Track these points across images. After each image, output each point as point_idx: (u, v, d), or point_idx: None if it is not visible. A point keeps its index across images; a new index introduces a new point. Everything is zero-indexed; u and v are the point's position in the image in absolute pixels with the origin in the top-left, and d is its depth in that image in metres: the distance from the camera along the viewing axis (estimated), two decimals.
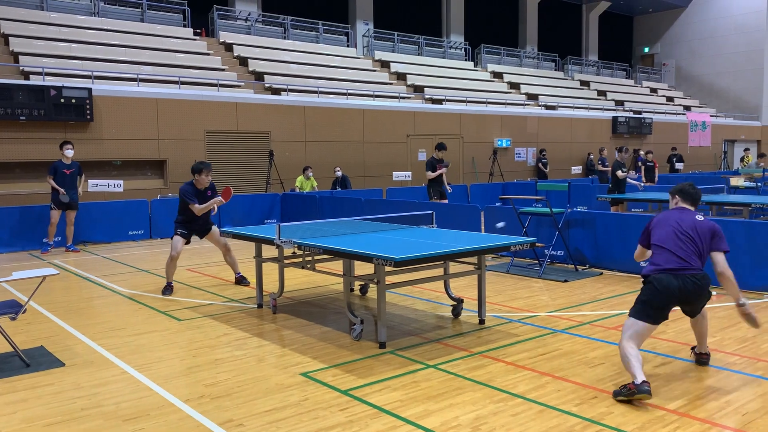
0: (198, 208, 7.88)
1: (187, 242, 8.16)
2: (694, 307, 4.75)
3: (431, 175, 12.85)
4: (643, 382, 4.24)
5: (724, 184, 14.30)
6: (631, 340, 4.50)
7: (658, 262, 4.67)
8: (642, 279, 4.75)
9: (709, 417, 4.06)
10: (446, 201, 12.85)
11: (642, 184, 13.89)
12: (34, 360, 5.36)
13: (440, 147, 13.00)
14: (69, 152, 11.56)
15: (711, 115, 32.07)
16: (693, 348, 5.19)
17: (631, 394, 4.26)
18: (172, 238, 8.09)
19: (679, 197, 4.97)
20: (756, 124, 33.60)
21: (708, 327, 4.99)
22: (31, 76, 14.38)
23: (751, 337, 5.78)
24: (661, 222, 4.83)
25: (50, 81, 13.98)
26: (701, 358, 5.05)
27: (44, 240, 11.64)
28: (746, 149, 26.38)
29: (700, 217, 4.77)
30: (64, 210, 11.49)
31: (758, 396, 4.40)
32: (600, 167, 21.92)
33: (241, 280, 8.47)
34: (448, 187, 13.12)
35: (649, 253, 4.92)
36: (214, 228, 8.31)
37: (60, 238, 11.87)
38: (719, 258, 4.67)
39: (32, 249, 11.77)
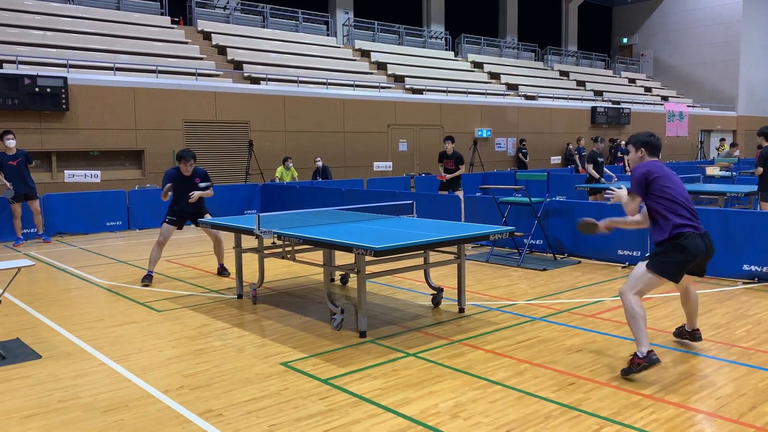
0: (163, 191, 7.93)
1: (179, 227, 8.11)
2: (704, 266, 4.77)
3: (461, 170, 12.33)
4: (650, 352, 4.29)
5: (700, 173, 14.49)
6: (639, 295, 4.52)
7: (682, 218, 4.50)
8: (676, 234, 4.47)
9: (684, 401, 4.14)
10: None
11: (616, 177, 13.95)
12: (11, 352, 5.30)
13: (449, 139, 12.47)
14: (10, 142, 11.00)
15: (688, 106, 32.45)
16: (680, 329, 5.30)
17: (641, 369, 4.33)
18: (161, 225, 8.05)
19: (646, 150, 4.76)
20: (732, 114, 34.08)
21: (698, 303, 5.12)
22: (4, 64, 14.10)
23: (725, 323, 5.88)
24: (664, 174, 4.60)
25: (24, 69, 13.72)
26: (695, 335, 5.17)
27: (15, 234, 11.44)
28: (722, 139, 26.75)
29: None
30: (23, 201, 11.23)
31: (731, 380, 4.49)
32: (577, 157, 22.08)
33: (221, 271, 8.42)
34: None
35: (638, 204, 4.71)
36: (208, 216, 8.21)
37: (32, 230, 11.68)
38: None
39: (6, 240, 11.58)
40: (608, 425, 3.81)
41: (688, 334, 5.24)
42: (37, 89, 13.33)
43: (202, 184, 8.04)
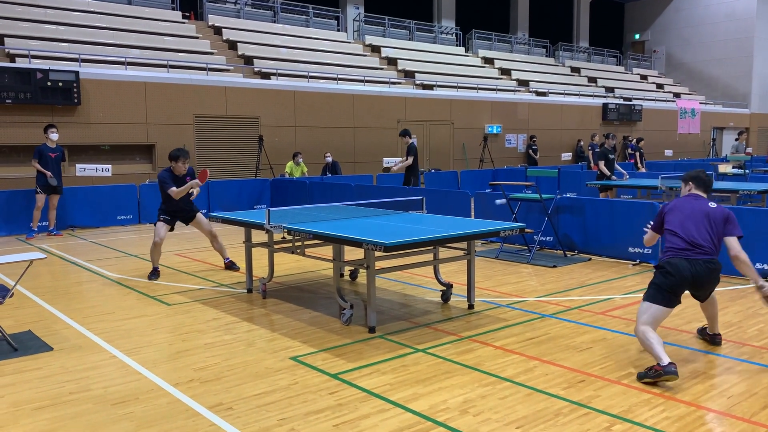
0: (175, 191, 7.85)
1: (171, 228, 8.13)
2: (704, 292, 4.83)
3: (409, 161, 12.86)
4: (670, 363, 4.30)
5: (712, 171, 14.38)
6: (648, 325, 4.57)
7: (671, 246, 4.75)
8: (654, 266, 4.83)
9: (695, 400, 4.11)
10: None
11: (627, 175, 13.83)
12: (22, 344, 5.34)
13: (405, 133, 13.05)
14: (54, 136, 11.42)
15: (700, 103, 32.20)
16: (703, 329, 5.30)
17: (657, 376, 4.32)
18: (155, 225, 8.06)
19: (693, 184, 5.01)
20: (745, 112, 33.78)
21: (718, 308, 5.11)
22: (17, 58, 14.18)
23: (737, 321, 5.84)
24: (675, 208, 4.89)
25: (37, 64, 13.80)
26: (716, 339, 5.17)
27: (30, 225, 11.53)
28: (741, 132, 26.28)
29: (713, 204, 4.84)
30: (49, 194, 11.39)
31: (743, 380, 4.46)
32: (590, 153, 21.96)
33: (230, 266, 8.44)
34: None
35: (656, 238, 5.09)
36: (200, 215, 8.26)
37: (44, 223, 11.77)
38: (733, 242, 4.73)
39: (19, 234, 11.67)
40: (618, 423, 3.79)
41: (708, 337, 5.24)
42: (49, 83, 13.40)
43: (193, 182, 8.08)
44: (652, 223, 5.20)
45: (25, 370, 4.78)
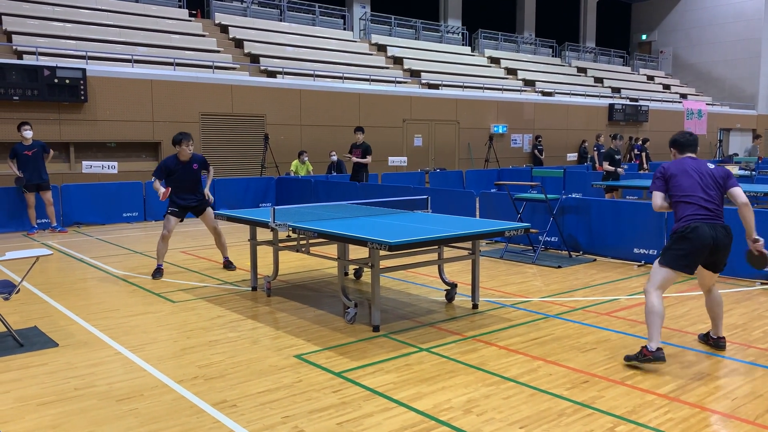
0: (155, 186, 7.83)
1: (181, 220, 8.12)
2: (720, 259, 4.80)
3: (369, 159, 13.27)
4: (659, 349, 4.39)
5: None
6: (660, 289, 4.68)
7: (688, 213, 4.69)
8: (673, 232, 4.74)
9: (699, 401, 4.10)
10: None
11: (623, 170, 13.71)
12: (28, 340, 5.37)
13: (359, 129, 13.46)
14: (27, 133, 11.20)
15: (707, 104, 32.06)
16: (706, 334, 5.23)
17: (645, 360, 4.41)
18: (164, 217, 8.06)
19: (676, 149, 5.02)
20: (752, 113, 33.63)
21: (723, 309, 5.09)
22: (24, 55, 14.24)
23: (742, 323, 5.82)
24: (680, 171, 4.81)
25: (44, 61, 13.85)
26: (719, 342, 5.10)
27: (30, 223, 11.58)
28: (757, 136, 26.05)
29: (710, 165, 4.87)
30: (36, 191, 11.37)
31: (748, 382, 4.44)
32: (596, 154, 21.92)
33: (228, 265, 8.41)
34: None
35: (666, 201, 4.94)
36: (209, 210, 8.24)
37: (44, 220, 11.80)
38: (738, 191, 4.77)
39: (24, 230, 11.71)
40: (622, 424, 3.78)
41: (712, 341, 5.15)
42: (56, 80, 13.45)
43: (207, 183, 8.09)
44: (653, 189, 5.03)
45: (30, 366, 4.80)
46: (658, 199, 4.93)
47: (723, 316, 5.13)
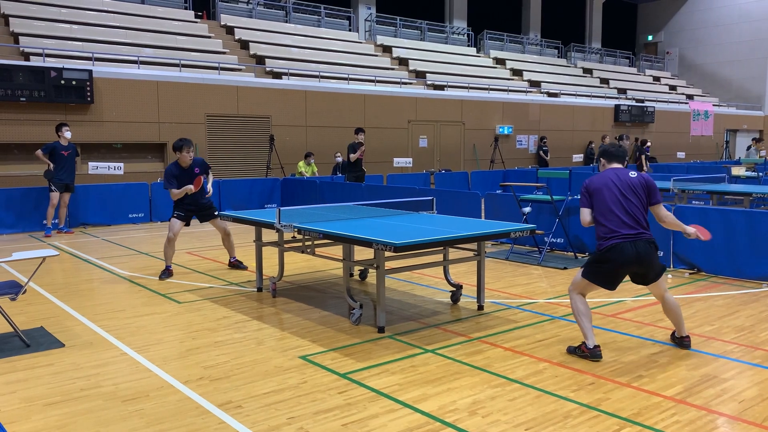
0: (174, 193, 7.87)
1: (186, 224, 8.14)
2: (647, 272, 4.87)
3: (353, 156, 13.80)
4: (596, 347, 4.68)
5: (725, 173, 14.27)
6: (581, 295, 4.90)
7: (611, 228, 4.77)
8: (597, 249, 4.88)
9: (706, 404, 4.08)
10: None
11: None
12: (34, 340, 5.38)
13: (359, 130, 14.09)
14: (68, 134, 11.53)
15: (713, 105, 31.95)
16: (673, 333, 5.28)
17: (583, 356, 4.72)
18: (170, 220, 8.08)
19: (605, 159, 5.09)
20: (759, 114, 33.48)
21: (681, 310, 5.14)
22: (31, 57, 14.30)
23: (749, 325, 5.79)
24: (602, 185, 4.88)
25: (51, 62, 13.91)
26: (683, 342, 5.14)
27: (44, 222, 11.62)
28: (755, 139, 26.05)
29: (633, 174, 4.91)
30: (62, 192, 11.47)
31: (755, 384, 4.42)
32: None
33: (237, 265, 8.44)
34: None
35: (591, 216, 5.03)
36: (216, 214, 8.28)
37: (55, 221, 11.85)
38: (660, 209, 4.91)
39: (33, 231, 11.77)
40: (628, 426, 3.77)
41: (677, 340, 5.19)
42: (62, 82, 13.50)
43: (208, 186, 8.11)
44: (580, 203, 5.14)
45: (36, 366, 4.82)
46: (586, 215, 5.01)
47: (683, 316, 5.18)
